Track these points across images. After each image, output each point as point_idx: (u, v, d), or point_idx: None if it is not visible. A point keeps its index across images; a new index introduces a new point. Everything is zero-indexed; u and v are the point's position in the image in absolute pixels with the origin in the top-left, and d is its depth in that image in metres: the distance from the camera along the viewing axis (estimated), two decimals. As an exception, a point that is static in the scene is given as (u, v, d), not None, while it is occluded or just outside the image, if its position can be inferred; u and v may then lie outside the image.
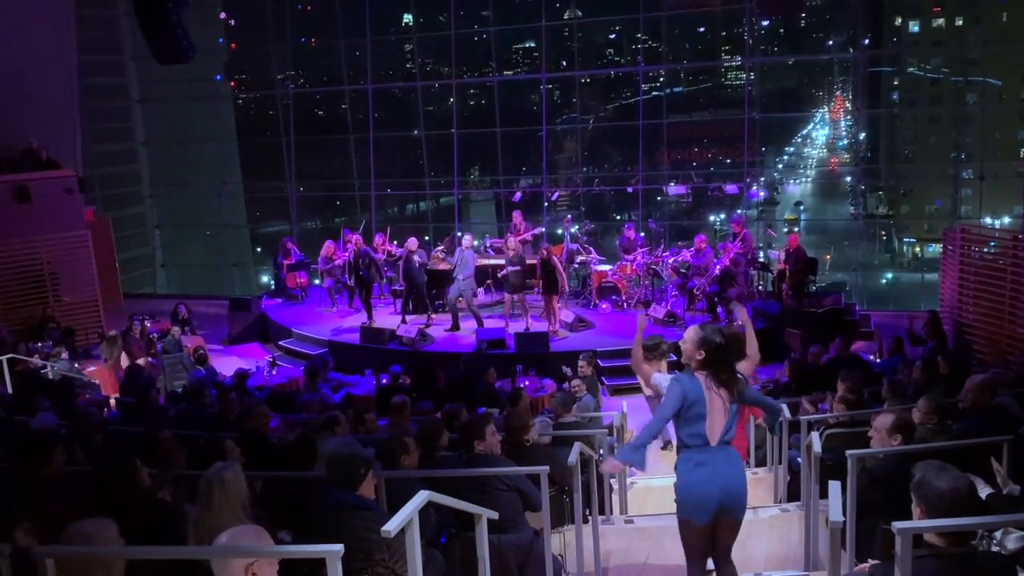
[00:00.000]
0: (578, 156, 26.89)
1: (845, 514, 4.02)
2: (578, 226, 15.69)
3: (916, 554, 2.80)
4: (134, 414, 8.24)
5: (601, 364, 11.13)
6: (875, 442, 4.57)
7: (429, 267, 13.90)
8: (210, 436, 5.88)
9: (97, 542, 2.89)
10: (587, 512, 5.75)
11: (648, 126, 19.92)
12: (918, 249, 41.50)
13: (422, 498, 3.39)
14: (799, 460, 6.08)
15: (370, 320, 13.48)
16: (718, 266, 12.83)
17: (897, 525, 2.78)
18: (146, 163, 24.45)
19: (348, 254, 13.82)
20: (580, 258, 14.54)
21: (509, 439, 5.42)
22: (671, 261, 13.88)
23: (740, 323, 5.09)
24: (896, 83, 44.77)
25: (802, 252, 13.32)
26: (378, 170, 20.53)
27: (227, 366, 12.43)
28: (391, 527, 3.11)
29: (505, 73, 24.67)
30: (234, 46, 25.42)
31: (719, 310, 12.86)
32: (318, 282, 15.98)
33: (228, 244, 25.74)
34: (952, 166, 37.73)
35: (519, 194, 16.30)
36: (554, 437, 6.34)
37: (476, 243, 14.03)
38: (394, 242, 14.85)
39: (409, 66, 24.76)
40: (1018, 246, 10.66)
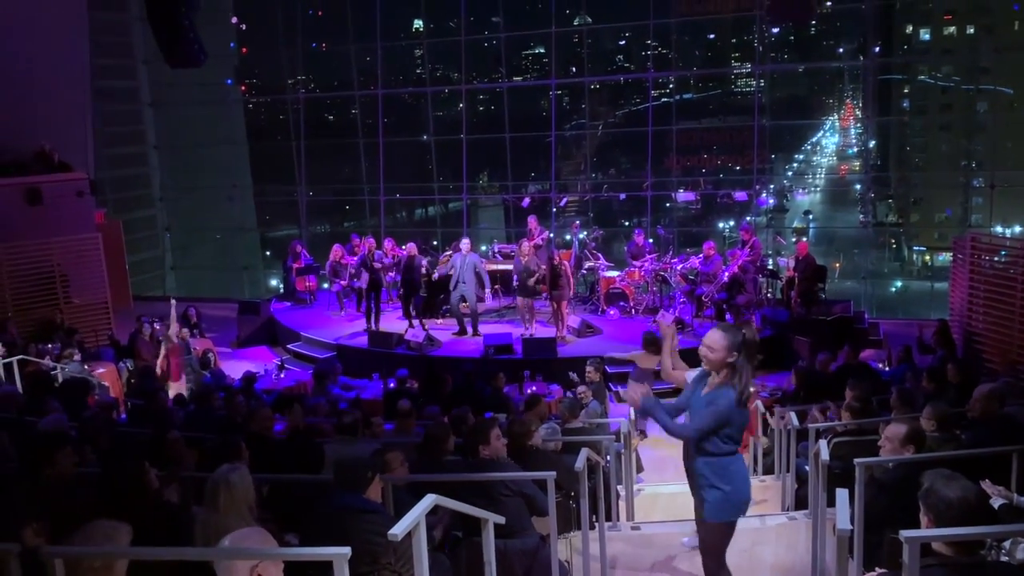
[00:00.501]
0: (587, 162, 26.92)
1: (853, 523, 4.00)
2: (586, 232, 15.69)
3: (924, 563, 2.79)
4: (143, 416, 8.27)
5: (608, 370, 11.13)
6: (886, 451, 4.53)
7: (437, 272, 13.92)
8: (219, 438, 5.89)
9: (111, 544, 2.91)
10: (594, 518, 5.74)
11: (657, 132, 19.92)
12: (928, 258, 41.33)
13: (429, 502, 3.40)
14: (807, 468, 6.06)
15: (373, 324, 13.52)
16: (727, 273, 12.81)
17: (905, 534, 2.77)
18: (157, 166, 24.58)
19: (358, 258, 13.87)
20: (588, 264, 14.54)
21: (513, 444, 5.42)
22: (680, 268, 13.86)
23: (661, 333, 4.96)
24: (907, 91, 44.63)
25: (811, 260, 13.29)
26: (387, 175, 20.58)
27: (235, 369, 12.46)
28: (398, 531, 3.12)
29: (515, 79, 24.71)
30: (245, 50, 25.57)
31: (728, 317, 12.84)
32: (327, 286, 16.03)
33: (238, 247, 25.84)
34: (963, 174, 37.60)
35: (527, 200, 16.31)
36: (563, 443, 6.35)
37: (484, 248, 14.02)
38: (402, 247, 14.90)
39: (419, 71, 24.84)
40: (1029, 255, 10.61)
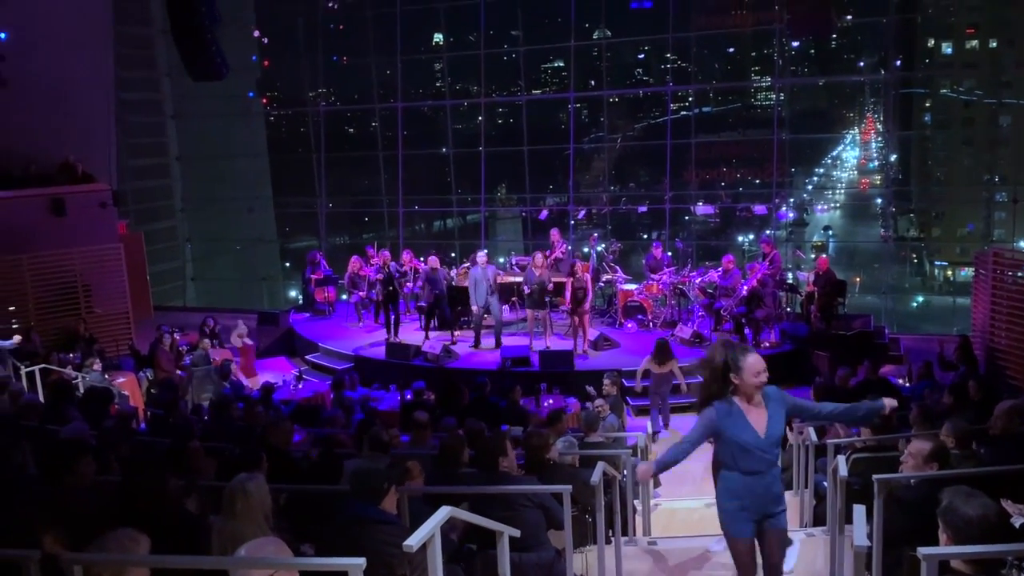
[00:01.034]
0: (605, 175, 26.91)
1: (871, 539, 3.96)
2: (604, 245, 15.68)
3: (943, 581, 2.76)
4: (162, 425, 8.33)
5: (626, 384, 11.09)
6: (908, 468, 4.47)
7: (454, 283, 13.95)
8: (239, 448, 5.92)
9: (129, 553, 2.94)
10: (610, 533, 5.71)
11: (676, 145, 19.90)
12: (950, 272, 40.93)
13: (444, 513, 3.40)
14: (825, 484, 6.01)
15: (392, 335, 13.56)
16: (746, 287, 12.75)
17: (923, 551, 2.75)
18: (179, 178, 24.85)
19: (374, 269, 13.94)
20: (606, 276, 14.52)
21: (530, 457, 5.41)
22: (698, 281, 13.80)
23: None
24: (928, 105, 44.34)
25: (831, 274, 13.21)
26: (406, 187, 20.70)
27: (253, 379, 12.53)
28: (413, 542, 3.12)
29: (534, 92, 24.77)
30: (267, 64, 25.82)
31: (746, 331, 12.77)
32: (345, 297, 16.10)
33: (257, 259, 26.03)
34: (985, 189, 37.27)
35: (545, 212, 16.33)
36: (580, 457, 6.33)
37: (501, 260, 14.04)
38: (421, 259, 14.95)
39: (439, 84, 24.99)
40: (1052, 270, 10.50)
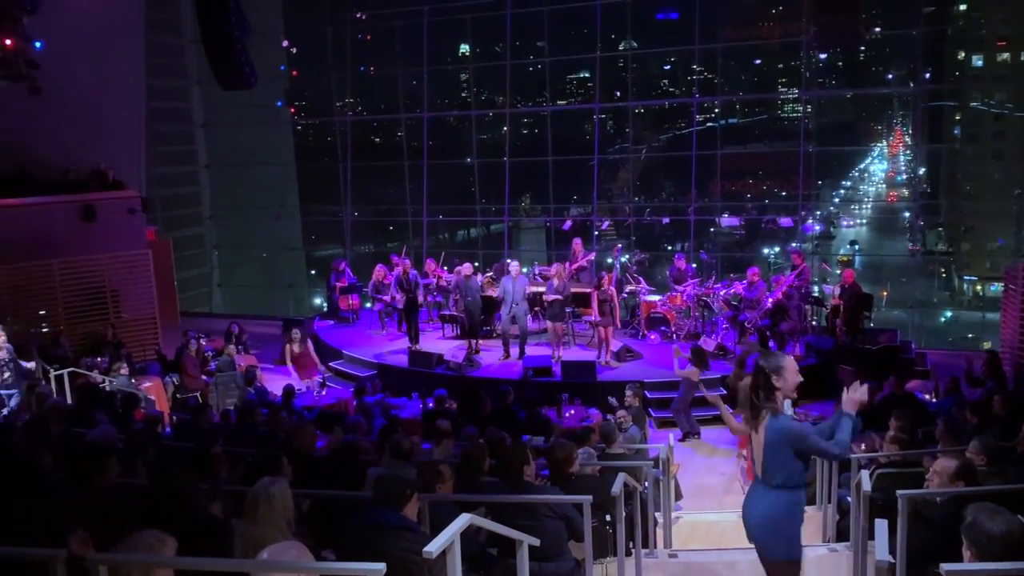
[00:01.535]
0: (630, 185, 26.89)
1: (895, 555, 3.92)
2: (628, 255, 15.65)
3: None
4: (187, 430, 8.42)
5: (648, 396, 11.06)
6: (934, 485, 4.43)
7: (484, 293, 13.99)
8: (261, 453, 5.97)
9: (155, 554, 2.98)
10: (630, 544, 5.70)
11: (701, 157, 19.85)
12: (979, 287, 40.41)
13: (463, 521, 3.41)
14: (849, 499, 5.95)
15: (413, 343, 13.62)
16: (770, 299, 12.67)
17: (946, 567, 2.72)
18: (207, 185, 25.13)
19: (393, 279, 14.02)
20: (629, 287, 14.50)
21: (554, 470, 5.41)
22: (722, 293, 13.72)
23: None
24: (958, 117, 43.88)
25: (857, 287, 13.10)
26: (431, 196, 20.81)
27: (278, 386, 12.62)
28: (432, 548, 3.14)
29: (559, 103, 24.83)
30: (295, 73, 26.10)
31: (771, 344, 12.68)
32: (369, 305, 16.19)
33: (283, 266, 26.25)
34: (1016, 202, 36.77)
35: (569, 222, 16.35)
36: (600, 468, 6.32)
37: (524, 270, 14.07)
38: (444, 267, 14.99)
39: (464, 95, 25.13)
40: (1084, 286, 10.34)
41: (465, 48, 23.50)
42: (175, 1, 22.62)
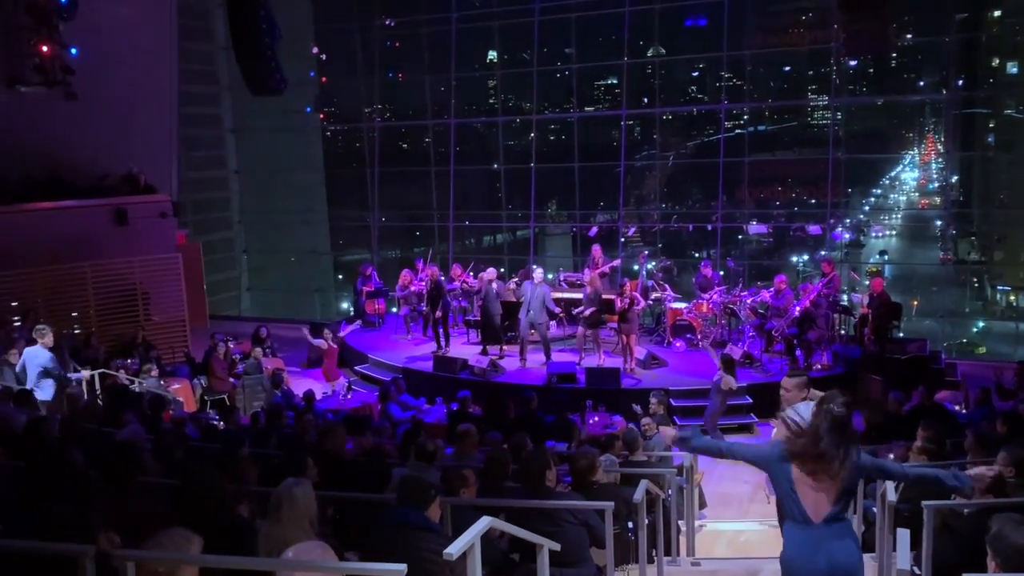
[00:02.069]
0: (657, 192, 26.80)
1: (921, 566, 3.88)
2: (654, 262, 15.60)
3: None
4: (214, 431, 8.53)
5: (673, 403, 11.02)
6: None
7: (503, 299, 14.02)
8: (286, 454, 6.04)
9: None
10: (653, 552, 5.68)
11: (729, 164, 19.76)
12: (1013, 297, 39.70)
13: (484, 524, 3.43)
14: (874, 510, 5.89)
15: (442, 348, 13.68)
16: (798, 307, 12.57)
17: (970, 578, 2.69)
18: (236, 190, 25.38)
19: (424, 283, 14.10)
20: (655, 294, 14.45)
21: (576, 478, 5.42)
22: (749, 301, 13.65)
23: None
24: (992, 125, 43.18)
25: (886, 296, 12.97)
26: (457, 202, 20.89)
27: (304, 389, 12.72)
28: (453, 550, 3.16)
29: (586, 109, 24.81)
30: (325, 80, 26.30)
31: (798, 353, 12.58)
32: (395, 310, 16.27)
33: (311, 270, 26.44)
34: (1051, 212, 36.08)
35: (595, 229, 16.34)
36: (623, 476, 6.32)
37: (550, 276, 14.08)
38: (470, 273, 15.06)
39: (492, 101, 25.19)
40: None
41: (493, 55, 23.56)
42: (207, 8, 22.94)
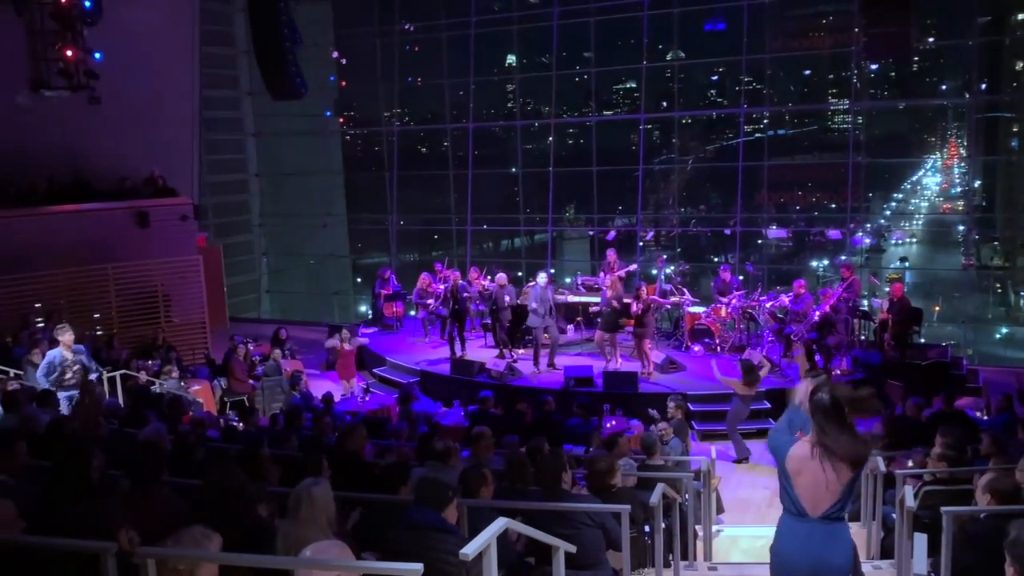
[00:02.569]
0: (675, 196, 26.73)
1: (939, 572, 3.86)
2: (672, 267, 15.57)
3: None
4: (233, 432, 8.59)
5: (691, 408, 10.98)
6: (984, 503, 4.34)
7: (519, 302, 14.04)
8: (303, 455, 6.08)
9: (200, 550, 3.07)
10: (670, 556, 5.68)
11: (749, 168, 19.68)
12: (1036, 303, 39.22)
13: (500, 525, 3.45)
14: (894, 516, 5.85)
15: (459, 352, 13.72)
16: (818, 312, 12.49)
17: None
18: (257, 194, 25.56)
19: (444, 287, 14.15)
20: (673, 299, 14.41)
21: (594, 482, 5.42)
22: (768, 305, 13.58)
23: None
24: (1015, 129, 42.73)
25: (906, 302, 12.85)
26: (475, 206, 20.94)
27: (323, 391, 12.80)
28: (469, 550, 3.18)
29: (604, 113, 24.79)
30: (344, 84, 26.45)
31: (817, 358, 12.51)
32: (413, 313, 16.33)
33: (330, 273, 26.57)
34: (1077, 217, 35.66)
35: (613, 232, 16.33)
36: (640, 480, 6.31)
37: (568, 280, 14.09)
38: (488, 277, 15.09)
39: (510, 105, 25.23)
40: None
41: (512, 58, 23.62)
42: (229, 13, 23.15)
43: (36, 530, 3.54)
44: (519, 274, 18.83)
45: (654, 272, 16.59)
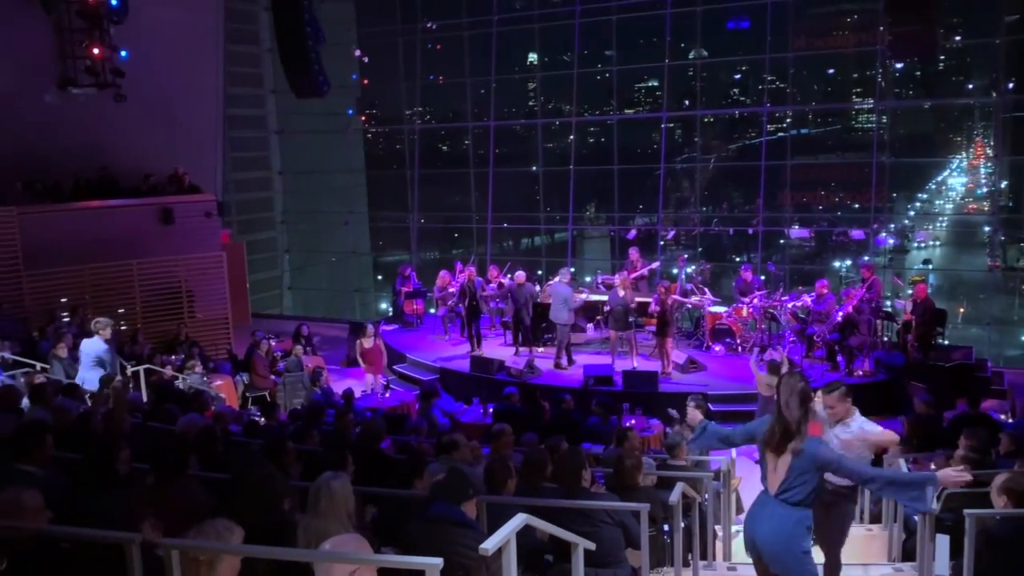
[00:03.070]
0: (696, 195, 26.59)
1: (961, 575, 3.83)
2: (694, 266, 15.50)
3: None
4: (255, 428, 8.66)
5: (711, 408, 10.92)
6: (1001, 504, 4.31)
7: (539, 300, 14.05)
8: (326, 450, 6.12)
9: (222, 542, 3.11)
10: (688, 556, 5.66)
11: (771, 167, 19.56)
12: (1063, 305, 38.68)
13: (520, 520, 3.46)
14: (916, 519, 5.80)
15: (475, 349, 13.76)
16: (840, 313, 12.40)
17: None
18: (280, 191, 25.73)
19: (460, 284, 14.20)
20: (694, 298, 14.36)
21: (619, 479, 5.42)
22: (790, 306, 13.50)
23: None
24: (1043, 129, 42.16)
25: (930, 303, 12.73)
26: (496, 204, 20.95)
27: (343, 387, 12.86)
28: (489, 545, 3.19)
29: (626, 111, 24.71)
30: (367, 82, 26.54)
31: (839, 359, 12.42)
32: (433, 310, 16.38)
33: (351, 271, 26.70)
34: (1106, 219, 35.15)
35: (634, 231, 16.29)
36: (660, 479, 6.30)
37: (588, 279, 14.08)
38: (508, 275, 15.11)
39: (531, 103, 25.21)
40: None
41: (533, 57, 23.59)
42: (253, 11, 23.31)
43: (62, 520, 3.58)
44: (539, 272, 18.80)
45: (675, 271, 16.54)
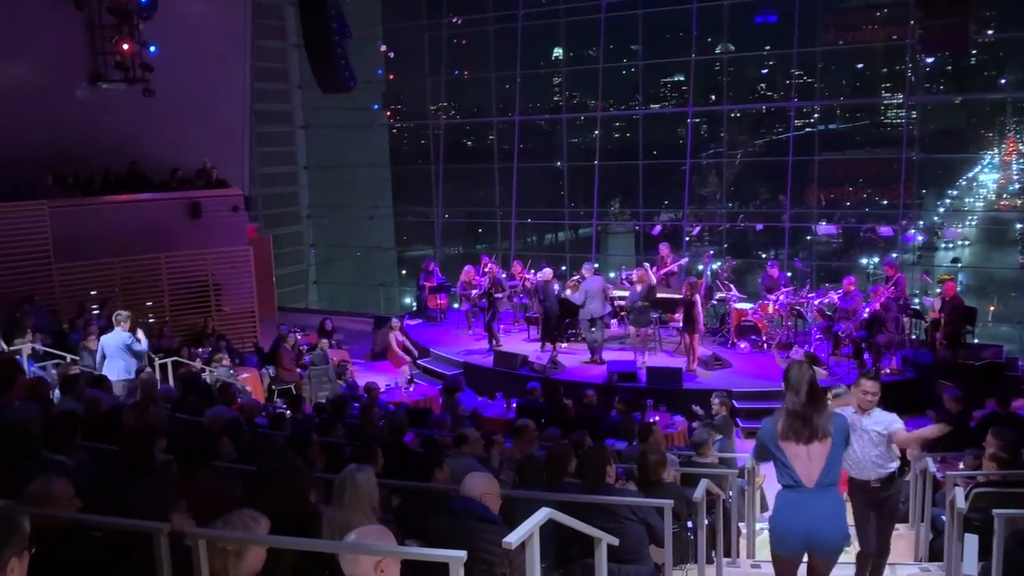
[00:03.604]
0: (723, 191, 26.43)
1: (992, 574, 3.79)
2: (720, 262, 15.41)
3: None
4: (281, 419, 8.73)
5: (736, 405, 10.87)
6: None
7: (563, 296, 14.03)
8: (356, 445, 6.16)
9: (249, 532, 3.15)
10: (712, 553, 5.65)
11: (798, 163, 19.39)
12: (1097, 304, 38.01)
13: (543, 515, 3.46)
14: (944, 518, 5.74)
15: (492, 344, 13.79)
16: (867, 310, 12.26)
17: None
18: (306, 186, 25.90)
19: (484, 279, 14.21)
20: (719, 295, 14.27)
21: (645, 474, 5.42)
22: (817, 303, 13.37)
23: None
24: (1078, 124, 41.39)
25: (959, 300, 12.56)
26: (520, 199, 20.95)
27: (368, 381, 12.93)
28: (512, 539, 3.20)
29: (651, 106, 24.59)
30: (392, 77, 26.63)
31: (866, 356, 12.29)
32: (456, 305, 16.42)
33: (375, 265, 26.84)
34: None
35: (659, 227, 16.22)
36: (684, 476, 6.29)
37: (612, 274, 14.04)
38: (531, 271, 15.10)
39: (556, 98, 25.16)
40: None
41: (558, 52, 23.55)
42: (280, 5, 23.45)
43: (91, 509, 3.63)
44: (563, 268, 18.78)
45: (700, 268, 16.45)
